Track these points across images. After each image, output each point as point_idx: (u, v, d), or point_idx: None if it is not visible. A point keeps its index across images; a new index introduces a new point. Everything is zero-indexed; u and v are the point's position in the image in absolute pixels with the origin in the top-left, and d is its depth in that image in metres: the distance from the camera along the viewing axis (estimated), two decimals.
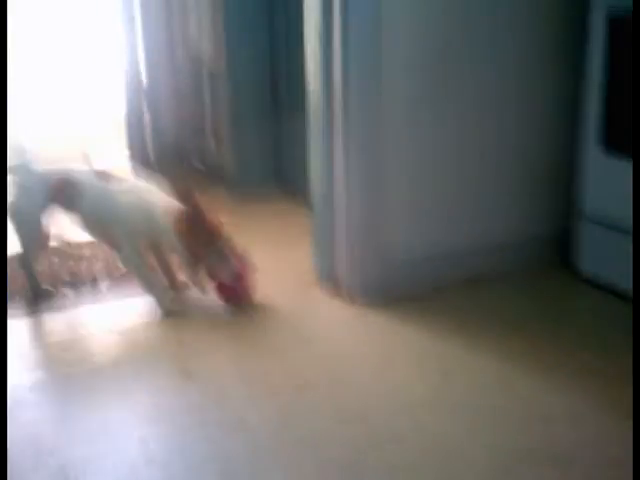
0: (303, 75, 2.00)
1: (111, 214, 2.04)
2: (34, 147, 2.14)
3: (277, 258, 2.34)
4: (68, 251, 2.42)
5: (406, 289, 1.97)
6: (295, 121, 2.74)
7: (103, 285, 2.21)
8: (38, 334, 1.96)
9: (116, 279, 2.23)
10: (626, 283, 1.82)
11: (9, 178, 2.05)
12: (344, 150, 1.89)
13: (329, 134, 1.92)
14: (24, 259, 2.12)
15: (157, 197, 2.01)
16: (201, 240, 1.90)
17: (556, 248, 2.16)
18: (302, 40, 1.97)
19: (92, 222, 2.12)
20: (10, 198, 2.05)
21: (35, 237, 2.11)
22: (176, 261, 2.08)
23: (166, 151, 3.60)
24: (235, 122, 3.12)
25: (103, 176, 2.12)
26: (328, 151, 1.93)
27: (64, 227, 2.23)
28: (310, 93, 1.96)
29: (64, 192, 2.07)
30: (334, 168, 1.93)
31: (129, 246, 2.04)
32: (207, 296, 2.00)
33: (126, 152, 3.53)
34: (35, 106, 4.04)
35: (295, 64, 2.46)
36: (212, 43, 3.13)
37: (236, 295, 2.00)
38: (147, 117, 3.59)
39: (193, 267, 1.95)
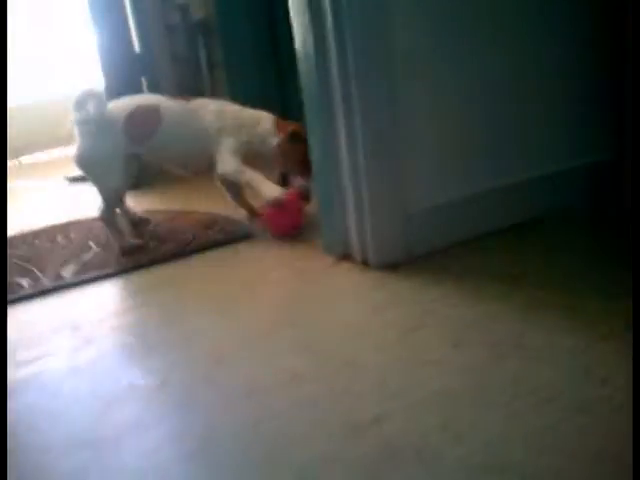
0: None
1: (202, 130, 1.97)
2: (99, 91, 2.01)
3: None
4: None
5: (429, 244, 1.62)
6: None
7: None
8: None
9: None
10: None
11: (78, 129, 1.95)
12: (342, 92, 1.54)
13: (325, 79, 1.56)
14: (106, 212, 2.01)
15: (250, 111, 2.03)
16: (299, 157, 1.93)
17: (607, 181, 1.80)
18: None
19: (175, 148, 2.02)
20: (82, 148, 1.95)
21: (116, 185, 2.00)
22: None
23: None
24: (234, 82, 2.81)
25: (178, 97, 2.06)
26: (325, 96, 1.58)
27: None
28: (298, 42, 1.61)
29: (140, 121, 1.94)
30: (334, 114, 1.57)
31: (231, 155, 1.97)
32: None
33: None
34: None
35: None
36: None
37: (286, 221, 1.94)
38: (144, 83, 3.29)
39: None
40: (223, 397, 1.18)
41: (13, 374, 1.38)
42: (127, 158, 2.01)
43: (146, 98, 2.09)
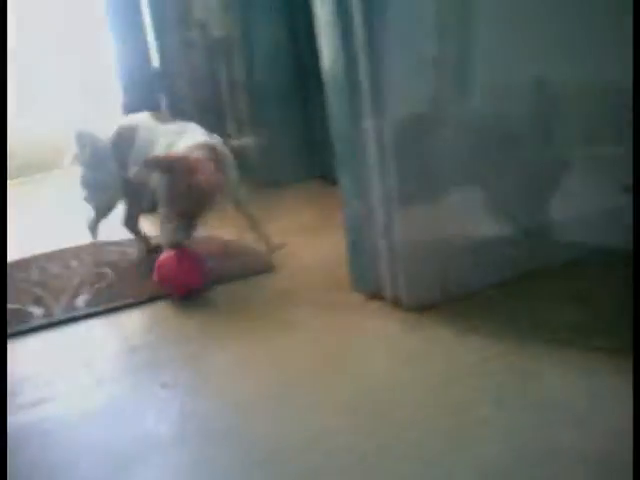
0: None
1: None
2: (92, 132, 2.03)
3: (306, 250, 1.97)
4: None
5: (467, 285, 1.50)
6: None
7: None
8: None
9: None
10: None
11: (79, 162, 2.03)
12: (374, 124, 1.43)
13: (355, 100, 1.45)
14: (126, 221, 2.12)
15: (184, 141, 1.79)
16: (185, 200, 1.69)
17: None
18: None
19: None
20: (83, 179, 2.02)
21: (109, 203, 2.04)
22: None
23: None
24: (255, 101, 2.71)
25: (159, 117, 1.99)
26: (354, 118, 1.47)
27: None
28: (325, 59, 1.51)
29: (121, 139, 1.93)
30: (365, 145, 1.47)
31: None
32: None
33: None
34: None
35: None
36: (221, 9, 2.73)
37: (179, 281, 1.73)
38: (164, 101, 3.21)
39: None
40: (240, 459, 1.08)
41: (14, 419, 1.28)
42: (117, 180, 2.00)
43: (131, 118, 2.01)
